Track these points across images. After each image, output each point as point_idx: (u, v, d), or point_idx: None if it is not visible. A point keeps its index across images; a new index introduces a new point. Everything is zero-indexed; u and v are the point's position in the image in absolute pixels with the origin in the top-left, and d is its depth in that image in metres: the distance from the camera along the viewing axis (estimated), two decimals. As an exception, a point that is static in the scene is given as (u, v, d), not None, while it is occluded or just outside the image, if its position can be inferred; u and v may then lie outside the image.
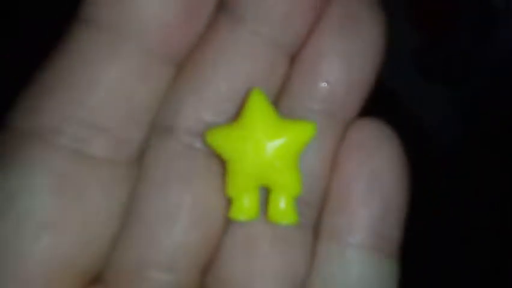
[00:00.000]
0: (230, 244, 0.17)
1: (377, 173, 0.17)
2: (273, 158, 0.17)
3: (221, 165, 0.17)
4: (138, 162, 0.17)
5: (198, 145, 0.17)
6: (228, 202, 0.17)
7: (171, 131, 0.17)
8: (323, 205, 0.18)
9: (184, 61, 0.17)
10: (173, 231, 0.17)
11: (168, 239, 0.17)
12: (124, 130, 0.16)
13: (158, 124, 0.17)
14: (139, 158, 0.17)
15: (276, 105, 0.18)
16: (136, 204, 0.17)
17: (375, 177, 0.17)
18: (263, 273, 0.17)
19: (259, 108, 0.17)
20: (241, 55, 0.17)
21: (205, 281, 0.17)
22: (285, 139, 0.17)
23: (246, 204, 0.17)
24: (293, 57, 0.18)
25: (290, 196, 0.17)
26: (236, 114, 0.17)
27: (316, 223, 0.18)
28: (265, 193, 0.18)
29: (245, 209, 0.17)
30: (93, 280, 0.16)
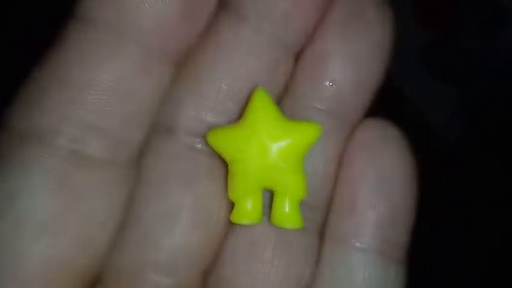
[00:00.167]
0: (232, 248, 0.17)
1: (384, 175, 0.17)
2: (277, 160, 0.16)
3: (223, 166, 0.17)
4: (138, 163, 0.16)
5: (199, 146, 0.17)
6: (231, 205, 0.17)
7: (171, 132, 0.17)
8: (329, 208, 0.17)
9: (185, 60, 0.16)
10: (173, 233, 0.16)
11: (168, 241, 0.16)
12: (124, 130, 0.16)
13: (158, 124, 0.17)
14: (139, 159, 0.16)
15: (280, 105, 0.17)
16: (136, 205, 0.16)
17: (382, 179, 0.17)
18: (266, 278, 0.17)
19: (262, 108, 0.16)
20: (243, 53, 0.17)
21: (205, 285, 0.17)
22: (290, 140, 0.16)
23: (249, 207, 0.17)
24: (298, 56, 0.17)
25: (295, 199, 0.17)
26: (238, 114, 0.17)
27: (321, 226, 0.18)
28: (269, 196, 0.17)
29: (248, 212, 0.17)
30: (92, 282, 0.16)
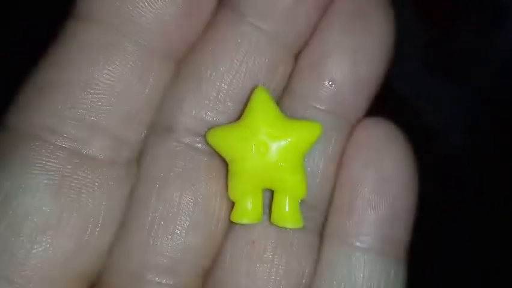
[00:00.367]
0: (232, 248, 0.17)
1: (384, 175, 0.17)
2: (278, 159, 0.16)
3: (223, 166, 0.17)
4: (138, 162, 0.16)
5: (199, 145, 0.17)
6: (231, 204, 0.17)
7: (171, 131, 0.17)
8: (329, 208, 0.17)
9: (184, 59, 0.16)
10: (173, 232, 0.16)
11: (168, 241, 0.16)
12: (124, 130, 0.16)
13: (158, 123, 0.16)
14: (139, 158, 0.16)
15: (279, 104, 0.17)
16: (135, 205, 0.16)
17: (382, 178, 0.17)
18: (266, 277, 0.17)
19: (263, 107, 0.16)
20: (243, 53, 0.16)
21: (206, 285, 0.17)
22: (290, 139, 0.16)
23: (249, 206, 0.17)
24: (297, 55, 0.17)
25: (295, 199, 0.17)
26: (239, 113, 0.17)
27: (321, 226, 0.17)
28: (269, 195, 0.17)
29: (248, 212, 0.17)
30: (92, 282, 0.16)
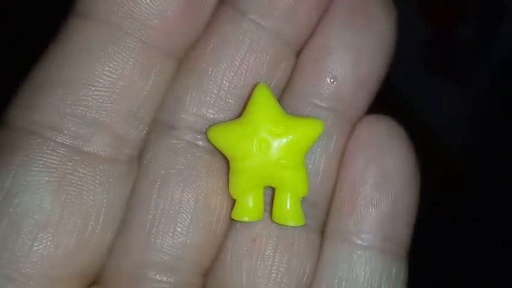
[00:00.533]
0: (233, 245, 0.17)
1: (386, 172, 0.17)
2: (279, 157, 0.16)
3: (224, 163, 0.17)
4: (139, 159, 0.16)
5: (200, 142, 0.17)
6: (232, 202, 0.17)
7: (173, 128, 0.16)
8: (330, 205, 0.17)
9: (186, 55, 0.16)
10: (173, 231, 0.16)
11: (169, 239, 0.16)
12: (125, 127, 0.16)
13: (159, 120, 0.16)
14: (140, 156, 0.16)
15: (280, 101, 0.17)
16: (136, 202, 0.16)
17: (384, 176, 0.17)
18: (267, 275, 0.17)
19: (264, 104, 0.16)
20: (244, 50, 0.16)
21: (207, 283, 0.17)
22: (292, 137, 0.16)
23: (250, 204, 0.16)
24: (299, 52, 0.17)
25: (296, 196, 0.17)
26: (240, 110, 0.17)
27: (323, 224, 0.17)
28: (270, 193, 0.17)
29: (249, 210, 0.17)
30: (93, 281, 0.16)
